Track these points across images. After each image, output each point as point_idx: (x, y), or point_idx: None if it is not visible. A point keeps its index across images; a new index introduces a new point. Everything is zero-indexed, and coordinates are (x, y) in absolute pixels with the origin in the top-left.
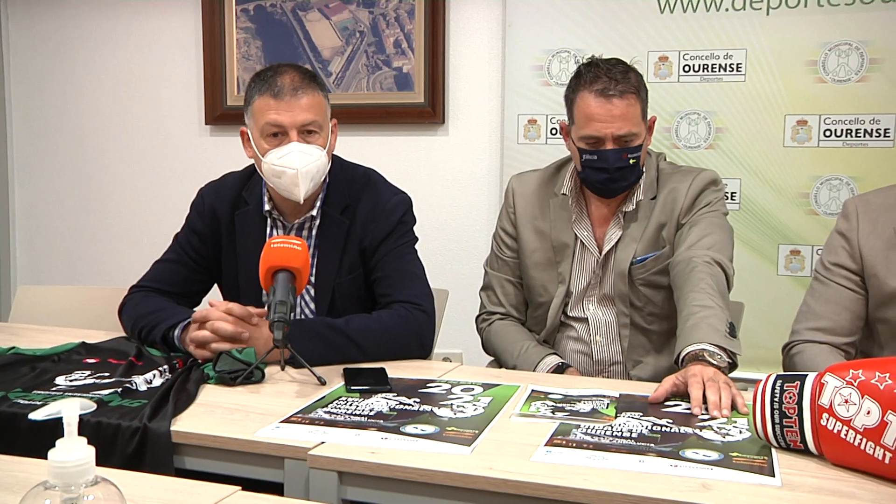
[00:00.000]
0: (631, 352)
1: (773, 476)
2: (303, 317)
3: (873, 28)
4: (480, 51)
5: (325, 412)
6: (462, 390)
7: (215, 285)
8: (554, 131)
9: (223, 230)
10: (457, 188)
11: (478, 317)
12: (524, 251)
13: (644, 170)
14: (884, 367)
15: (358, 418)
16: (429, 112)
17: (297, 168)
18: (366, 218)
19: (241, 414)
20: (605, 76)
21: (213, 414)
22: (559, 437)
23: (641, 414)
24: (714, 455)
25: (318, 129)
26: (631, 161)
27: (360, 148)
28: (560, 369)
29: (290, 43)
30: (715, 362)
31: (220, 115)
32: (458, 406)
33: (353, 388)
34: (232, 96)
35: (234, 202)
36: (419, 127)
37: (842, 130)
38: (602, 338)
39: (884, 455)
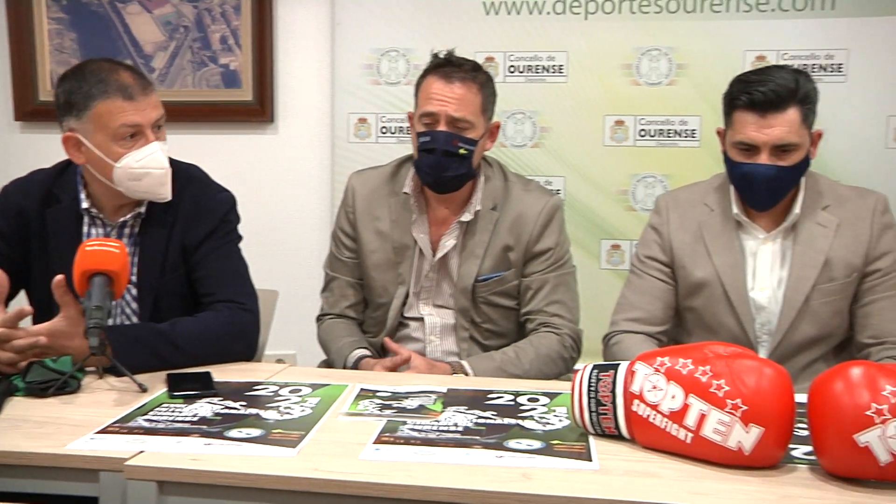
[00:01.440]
0: (465, 357)
1: (591, 461)
2: (125, 318)
3: (679, 35)
4: (309, 48)
5: (145, 420)
6: (290, 392)
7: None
8: (384, 130)
9: (32, 230)
10: (287, 187)
11: (318, 317)
12: (364, 252)
13: (484, 176)
14: (686, 353)
15: (180, 425)
16: (257, 110)
17: (165, 167)
18: (188, 215)
19: (52, 427)
20: (453, 64)
21: (19, 429)
22: (387, 434)
23: (467, 408)
24: (536, 444)
25: (163, 124)
26: (462, 151)
27: (186, 146)
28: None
29: (108, 36)
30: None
31: (32, 110)
32: (285, 408)
33: (175, 394)
34: (44, 91)
35: (45, 199)
36: (248, 125)
37: (655, 131)
38: (437, 338)
39: (686, 435)
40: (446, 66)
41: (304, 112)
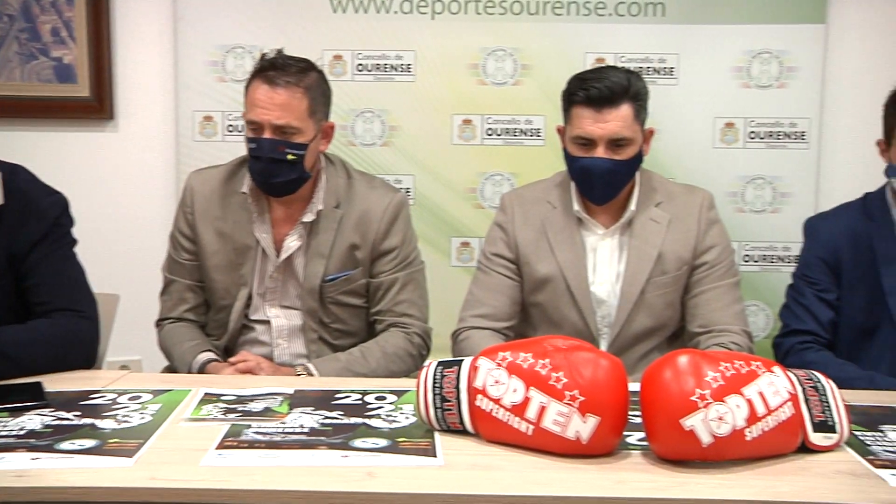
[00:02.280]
0: (314, 359)
1: (436, 457)
2: None
3: (523, 37)
4: (150, 43)
5: None
6: (129, 399)
7: None
8: (231, 128)
9: None
10: (129, 187)
11: (157, 322)
12: (204, 253)
13: (326, 175)
14: (527, 347)
15: (4, 440)
16: (95, 106)
17: None
18: (14, 221)
19: None
20: (277, 67)
21: None
22: (230, 438)
23: (314, 408)
24: (382, 442)
25: None
26: (290, 157)
27: (14, 145)
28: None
29: None
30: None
31: None
32: (123, 416)
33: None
34: None
35: None
36: (85, 122)
37: (502, 130)
38: (284, 340)
39: (527, 428)
40: (271, 69)
41: (147, 109)
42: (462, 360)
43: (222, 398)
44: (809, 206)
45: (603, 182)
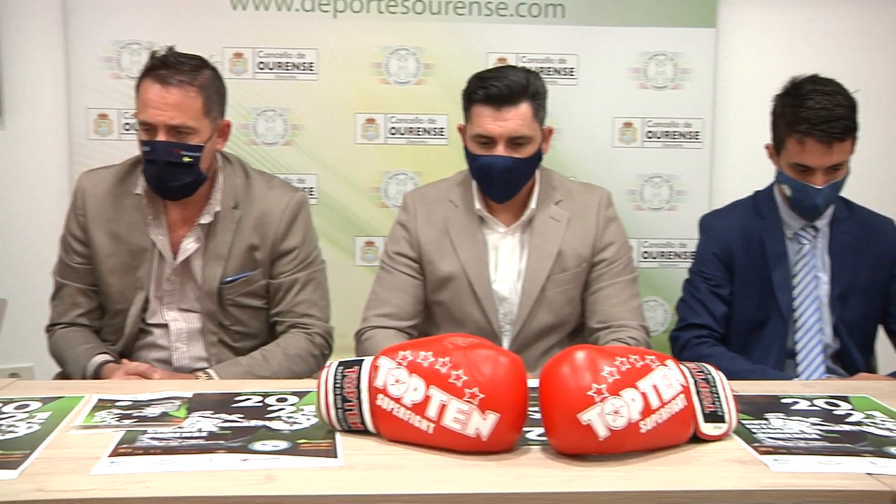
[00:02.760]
0: (215, 362)
1: (337, 458)
2: None
3: (426, 36)
4: (39, 37)
5: None
6: (16, 408)
7: None
8: (128, 127)
9: None
10: (18, 188)
11: (47, 327)
12: (98, 256)
13: (223, 175)
14: (427, 346)
15: None
16: None
17: None
18: None
19: None
20: (169, 66)
21: None
22: (124, 445)
23: (213, 412)
24: (282, 444)
25: None
26: (185, 159)
27: None
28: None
29: None
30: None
31: None
32: (7, 426)
33: None
34: None
35: None
36: None
37: (405, 129)
38: (183, 344)
39: (428, 426)
40: (162, 68)
41: (36, 106)
42: (363, 360)
43: (117, 404)
44: (704, 203)
45: (503, 180)
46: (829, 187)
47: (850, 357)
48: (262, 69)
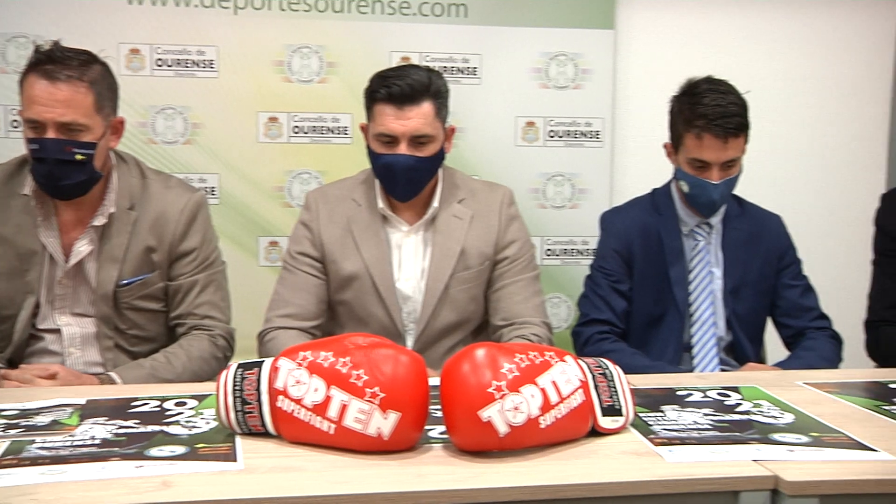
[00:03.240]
0: (111, 368)
1: (236, 461)
2: None
3: (329, 34)
4: None
5: None
6: None
7: None
8: (15, 124)
9: None
10: None
11: None
12: None
13: (117, 174)
14: (328, 346)
15: None
16: None
17: None
18: None
19: None
20: (56, 60)
21: None
22: (9, 456)
23: (108, 418)
24: (180, 449)
25: None
26: (78, 157)
27: None
28: None
29: None
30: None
31: None
32: None
33: None
34: None
35: None
36: None
37: (309, 128)
38: (77, 349)
39: (329, 427)
40: (48, 63)
41: None
42: (263, 362)
43: (3, 413)
44: (605, 201)
45: (406, 179)
46: (724, 183)
47: (742, 349)
48: (160, 66)
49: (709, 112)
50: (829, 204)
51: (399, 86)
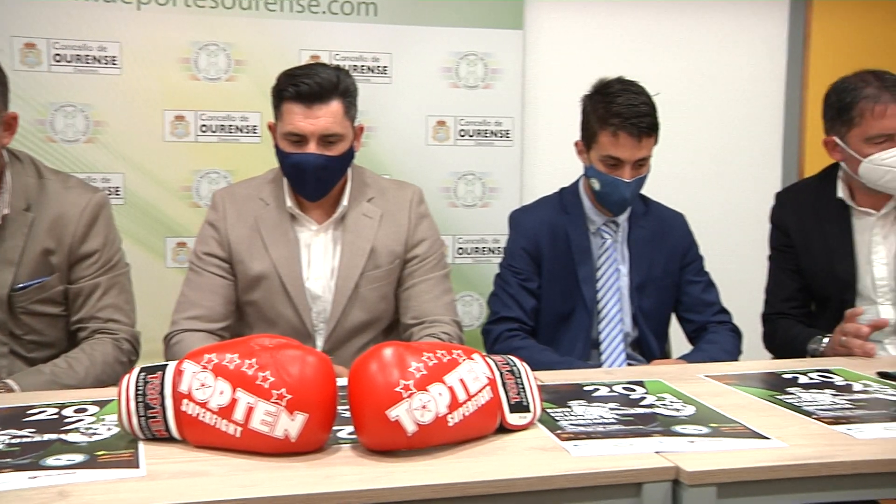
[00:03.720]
0: (6, 375)
1: (138, 468)
2: None
3: (236, 32)
4: None
5: None
6: None
7: None
8: None
9: None
10: None
11: None
12: None
13: (11, 173)
14: (233, 348)
15: None
16: None
17: None
18: None
19: None
20: None
21: None
22: None
23: (0, 428)
24: (79, 458)
25: None
26: None
27: None
28: None
29: None
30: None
31: None
32: None
33: None
34: None
35: None
36: None
37: (217, 126)
38: None
39: (235, 430)
40: None
41: None
42: (166, 365)
43: None
44: (515, 200)
45: (315, 178)
46: (635, 182)
47: (648, 344)
48: (58, 61)
49: (623, 111)
50: (728, 202)
51: (307, 84)
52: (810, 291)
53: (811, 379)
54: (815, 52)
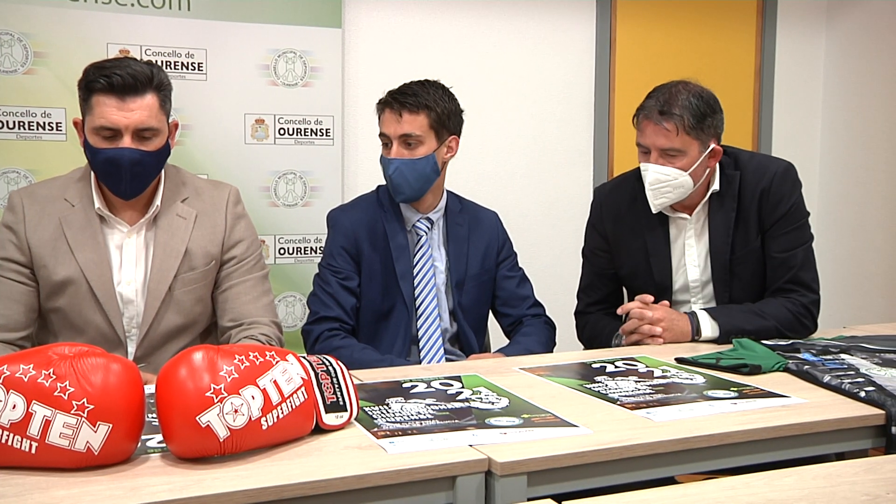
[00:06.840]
0: None
1: None
2: None
3: (34, 22)
4: None
5: None
6: None
7: None
8: None
9: None
10: None
11: None
12: None
13: None
14: (28, 359)
15: None
16: None
17: None
18: None
19: None
20: None
21: None
22: None
23: None
24: None
25: None
26: None
27: None
28: None
29: None
30: None
31: None
32: None
33: None
34: None
35: None
36: None
37: (15, 122)
38: None
39: (31, 446)
40: None
41: None
42: None
43: None
44: (337, 198)
45: (131, 174)
46: (402, 162)
47: (466, 339)
48: None
49: (393, 91)
50: (545, 199)
51: (120, 76)
52: (621, 295)
53: (617, 367)
54: (621, 54)
